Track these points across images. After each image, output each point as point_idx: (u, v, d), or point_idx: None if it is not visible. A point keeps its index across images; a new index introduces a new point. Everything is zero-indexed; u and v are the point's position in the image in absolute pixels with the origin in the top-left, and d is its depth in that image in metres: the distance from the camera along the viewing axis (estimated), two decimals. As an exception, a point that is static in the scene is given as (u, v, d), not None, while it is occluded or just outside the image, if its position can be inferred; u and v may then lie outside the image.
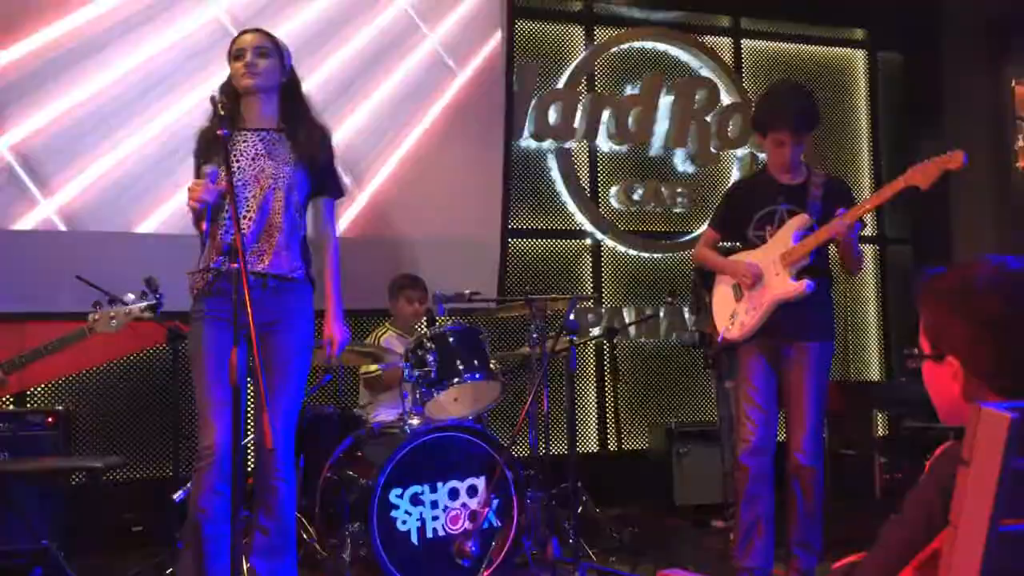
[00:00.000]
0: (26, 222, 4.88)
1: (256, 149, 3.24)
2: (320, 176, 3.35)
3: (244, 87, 3.26)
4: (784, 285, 3.79)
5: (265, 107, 3.29)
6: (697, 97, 6.61)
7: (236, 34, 3.36)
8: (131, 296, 3.52)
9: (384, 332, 4.99)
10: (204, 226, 3.07)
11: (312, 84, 4.75)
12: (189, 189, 3.08)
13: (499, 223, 5.95)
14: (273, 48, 3.30)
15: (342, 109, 5.47)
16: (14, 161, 4.88)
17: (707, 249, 4.11)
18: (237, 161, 3.19)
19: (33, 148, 4.91)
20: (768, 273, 3.83)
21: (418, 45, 5.73)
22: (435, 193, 5.71)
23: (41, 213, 4.90)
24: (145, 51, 5.13)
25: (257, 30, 3.34)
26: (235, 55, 3.27)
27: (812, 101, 3.92)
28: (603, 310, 6.37)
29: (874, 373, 7.12)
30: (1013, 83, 7.04)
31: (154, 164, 5.02)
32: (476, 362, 4.21)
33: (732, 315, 3.94)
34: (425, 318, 5.18)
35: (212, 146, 3.17)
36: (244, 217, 3.16)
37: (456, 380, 4.17)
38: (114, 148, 5.04)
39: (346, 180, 5.19)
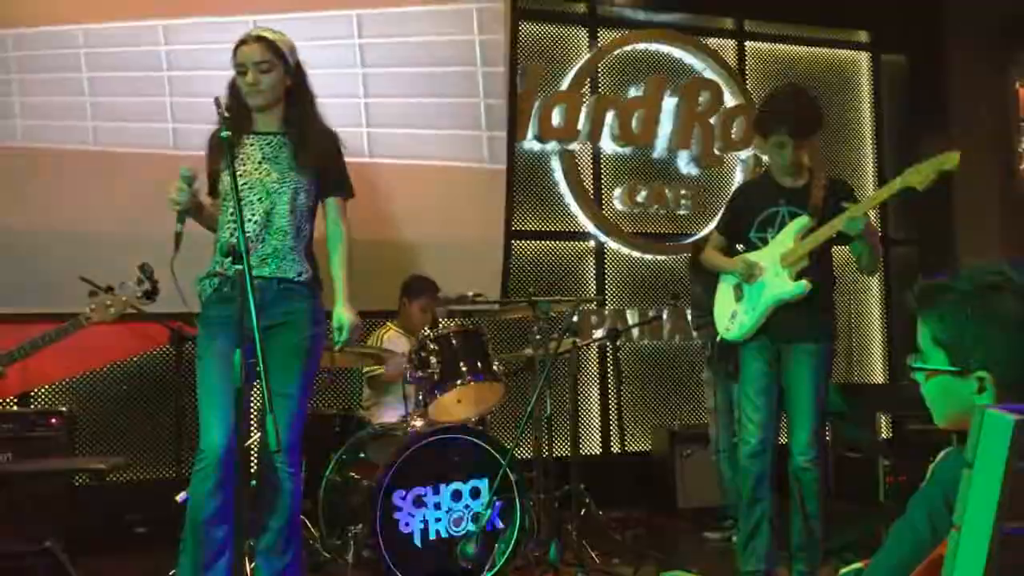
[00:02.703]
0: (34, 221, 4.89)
1: (263, 153, 3.25)
2: (328, 179, 3.34)
3: (251, 104, 3.25)
4: (783, 285, 3.79)
5: (272, 113, 3.29)
6: (701, 99, 6.60)
7: (238, 39, 3.28)
8: (128, 285, 3.51)
9: (387, 332, 5.00)
10: (179, 227, 2.98)
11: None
12: (168, 190, 3.07)
13: (502, 225, 5.95)
14: (275, 58, 3.23)
15: (346, 109, 5.47)
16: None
17: (711, 251, 4.12)
18: (243, 165, 3.21)
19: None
20: (768, 273, 3.83)
21: (423, 47, 5.73)
22: (438, 194, 5.71)
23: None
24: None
25: (258, 38, 3.24)
26: (238, 69, 3.23)
27: (814, 104, 3.90)
28: (606, 312, 6.37)
29: (878, 375, 7.11)
30: (1017, 85, 7.03)
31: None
32: (479, 364, 4.21)
33: (732, 315, 3.95)
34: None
35: (216, 150, 3.22)
36: (249, 221, 3.17)
37: (459, 382, 4.16)
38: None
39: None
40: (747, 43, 6.94)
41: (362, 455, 4.21)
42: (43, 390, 5.17)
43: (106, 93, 5.10)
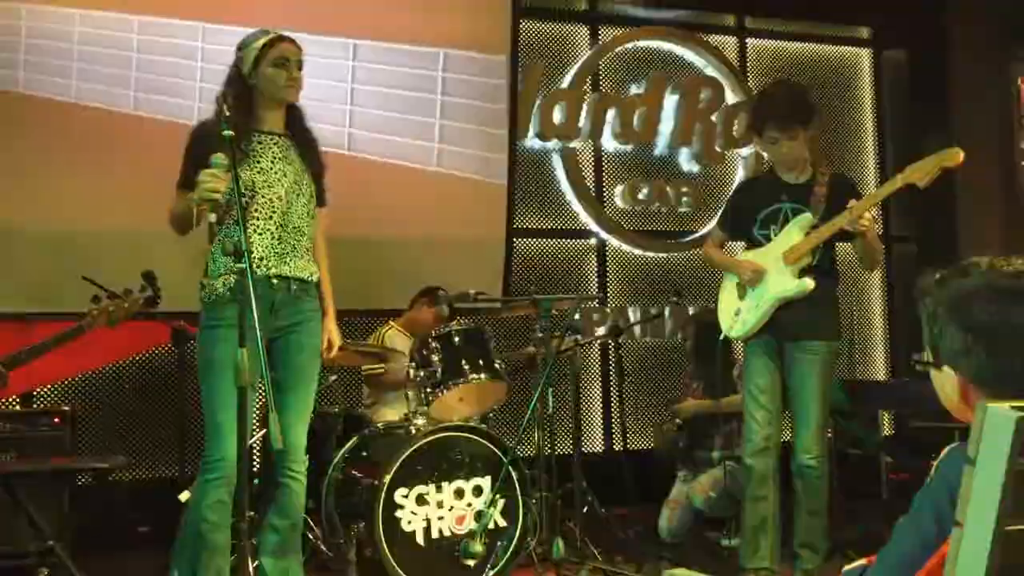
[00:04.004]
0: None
1: (274, 152, 3.22)
2: (319, 184, 3.35)
3: (284, 99, 3.23)
4: (787, 283, 3.78)
5: (277, 113, 3.28)
6: (702, 96, 6.60)
7: (268, 35, 3.24)
8: (130, 291, 3.51)
9: (388, 330, 5.00)
10: (213, 218, 2.91)
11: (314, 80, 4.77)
12: (201, 181, 2.89)
13: (504, 223, 5.94)
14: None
15: (345, 109, 5.47)
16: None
17: (712, 248, 4.13)
18: (259, 162, 3.17)
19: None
20: (771, 271, 3.82)
21: (424, 45, 5.73)
22: (440, 193, 5.71)
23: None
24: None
25: (292, 39, 3.26)
26: (277, 63, 3.17)
27: (802, 95, 3.89)
28: (608, 310, 6.36)
29: (880, 372, 7.11)
30: (1020, 81, 7.02)
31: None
32: (481, 362, 4.21)
33: (736, 313, 3.94)
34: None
35: (216, 145, 3.11)
36: (270, 219, 3.15)
37: (462, 380, 4.16)
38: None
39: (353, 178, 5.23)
40: (748, 40, 6.93)
41: (364, 453, 4.20)
42: (45, 390, 5.17)
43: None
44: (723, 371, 4.80)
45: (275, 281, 3.14)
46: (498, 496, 3.93)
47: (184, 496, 3.81)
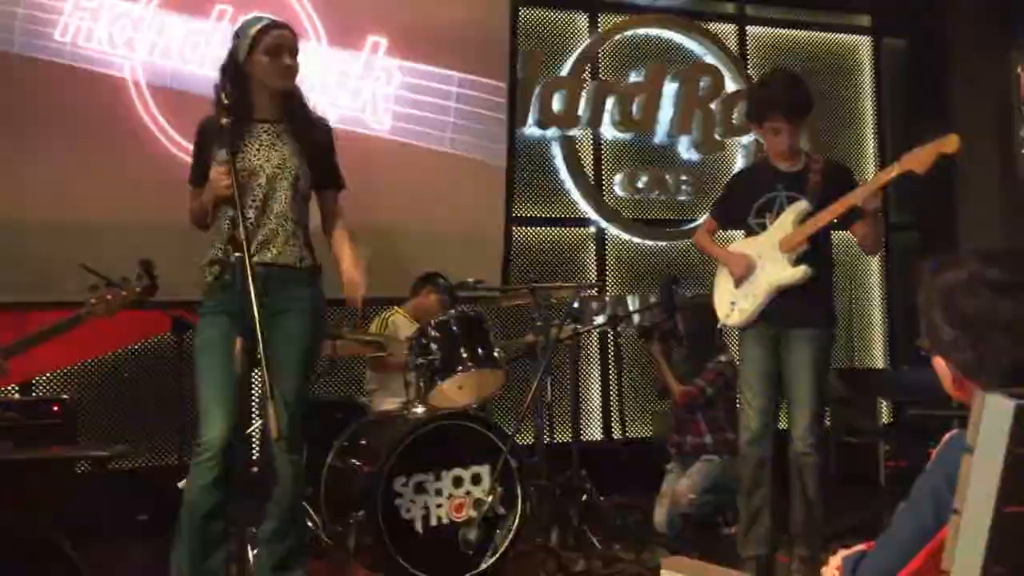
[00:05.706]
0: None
1: (261, 140, 3.22)
2: (323, 168, 3.33)
3: (278, 87, 3.23)
4: (782, 271, 3.78)
5: (273, 99, 3.27)
6: (702, 84, 6.58)
7: (261, 22, 3.23)
8: (127, 279, 3.51)
9: (392, 315, 5.03)
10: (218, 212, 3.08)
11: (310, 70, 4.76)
12: (214, 178, 3.05)
13: (503, 212, 5.94)
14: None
15: (342, 95, 5.47)
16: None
17: (705, 237, 4.13)
18: (244, 152, 3.16)
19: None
20: (767, 259, 3.82)
21: (422, 32, 5.72)
22: (439, 181, 5.70)
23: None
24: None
25: (287, 26, 3.28)
26: (270, 50, 3.18)
27: (804, 87, 3.90)
28: (607, 298, 6.35)
29: (878, 360, 7.11)
30: (1019, 69, 7.01)
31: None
32: (481, 351, 4.20)
33: (732, 302, 3.93)
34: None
35: (217, 136, 3.11)
36: (249, 207, 3.15)
37: (460, 369, 4.15)
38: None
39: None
40: (748, 28, 6.92)
41: (363, 442, 4.21)
42: (44, 378, 5.18)
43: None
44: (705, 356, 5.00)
45: (257, 269, 3.09)
46: (497, 484, 3.94)
47: (183, 484, 3.82)
